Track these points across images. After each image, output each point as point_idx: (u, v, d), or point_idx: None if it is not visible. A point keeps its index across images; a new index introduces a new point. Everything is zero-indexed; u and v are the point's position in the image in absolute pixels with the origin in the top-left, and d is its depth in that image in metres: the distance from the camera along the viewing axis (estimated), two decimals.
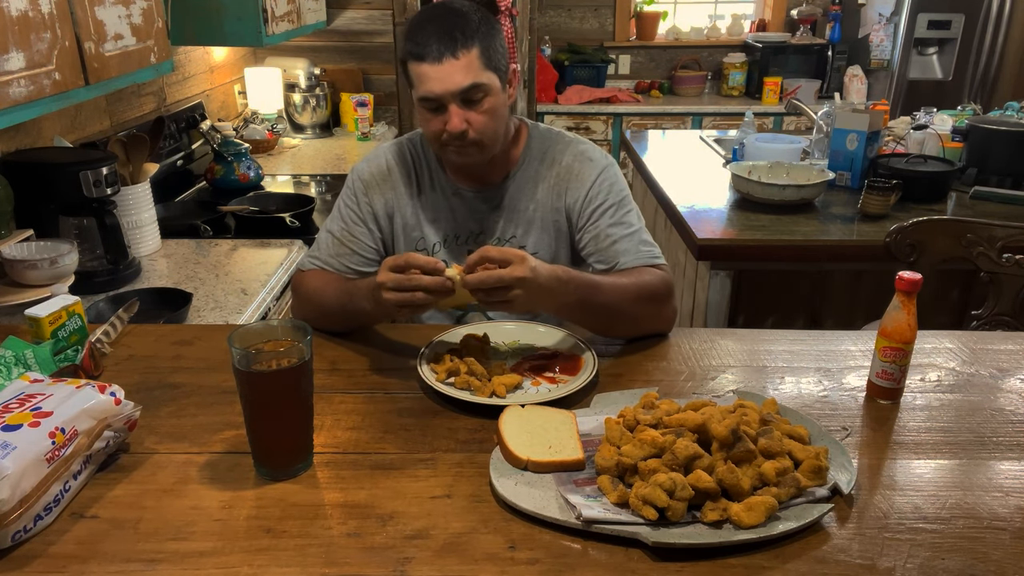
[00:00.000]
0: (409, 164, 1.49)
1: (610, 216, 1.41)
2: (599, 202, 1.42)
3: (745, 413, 0.98)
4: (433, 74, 1.28)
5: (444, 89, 1.28)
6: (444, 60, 1.27)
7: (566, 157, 1.46)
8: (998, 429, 1.08)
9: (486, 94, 1.31)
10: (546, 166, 1.46)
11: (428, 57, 1.27)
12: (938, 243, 1.89)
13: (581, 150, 1.47)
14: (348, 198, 1.48)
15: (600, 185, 1.43)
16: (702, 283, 2.24)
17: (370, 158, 1.51)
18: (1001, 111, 3.00)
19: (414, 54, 1.29)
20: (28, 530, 0.85)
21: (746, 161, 2.70)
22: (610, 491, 0.89)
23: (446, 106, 1.30)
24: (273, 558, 0.83)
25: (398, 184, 1.48)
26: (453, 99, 1.29)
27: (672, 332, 1.36)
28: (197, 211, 2.38)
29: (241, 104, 3.40)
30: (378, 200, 1.47)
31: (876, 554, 0.84)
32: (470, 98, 1.30)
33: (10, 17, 1.31)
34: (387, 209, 1.48)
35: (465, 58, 1.27)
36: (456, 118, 1.30)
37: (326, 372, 1.22)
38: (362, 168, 1.50)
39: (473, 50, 1.28)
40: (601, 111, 4.47)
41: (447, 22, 1.28)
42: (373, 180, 1.48)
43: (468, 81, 1.28)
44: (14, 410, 0.90)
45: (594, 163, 1.45)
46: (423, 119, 1.35)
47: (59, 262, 1.64)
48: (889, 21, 4.08)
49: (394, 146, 1.51)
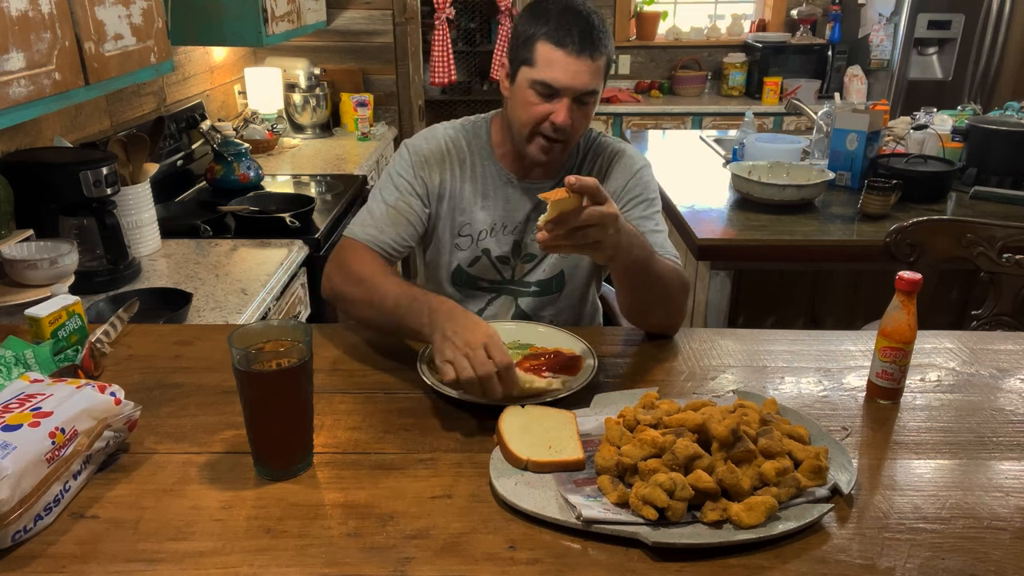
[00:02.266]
0: (464, 148, 1.49)
1: (643, 209, 1.45)
2: (636, 193, 1.46)
3: (745, 413, 0.98)
4: (567, 65, 1.30)
5: (571, 83, 1.31)
6: (582, 57, 1.30)
7: (607, 151, 1.51)
8: (998, 429, 1.08)
9: (594, 102, 1.36)
10: (588, 161, 1.51)
11: (568, 46, 1.30)
12: (938, 243, 1.89)
13: (622, 147, 1.52)
14: (403, 170, 1.47)
15: (639, 179, 1.48)
16: (702, 283, 2.24)
17: (427, 136, 1.50)
18: (1001, 111, 3.00)
19: (553, 38, 1.30)
20: (28, 530, 0.85)
21: (746, 161, 2.70)
22: (610, 491, 0.89)
23: (561, 97, 1.32)
24: (273, 558, 0.83)
25: (454, 165, 1.48)
26: (572, 95, 1.32)
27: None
28: (197, 211, 2.38)
29: (241, 104, 3.40)
30: (434, 177, 1.47)
31: (876, 554, 0.84)
32: (583, 100, 1.34)
33: (10, 17, 1.31)
34: (440, 188, 1.48)
35: (598, 63, 1.32)
36: (567, 112, 1.32)
37: (326, 372, 1.22)
38: (419, 144, 1.49)
39: (603, 58, 1.33)
40: (601, 111, 4.47)
41: (591, 22, 1.32)
42: (433, 156, 1.47)
43: (593, 85, 1.33)
44: (14, 410, 0.89)
45: (634, 159, 1.51)
46: (525, 101, 1.35)
47: (59, 262, 1.64)
48: (889, 21, 4.08)
49: (451, 128, 1.52)
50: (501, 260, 1.52)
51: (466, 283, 1.54)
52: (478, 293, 1.54)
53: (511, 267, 1.53)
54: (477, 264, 1.52)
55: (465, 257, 1.51)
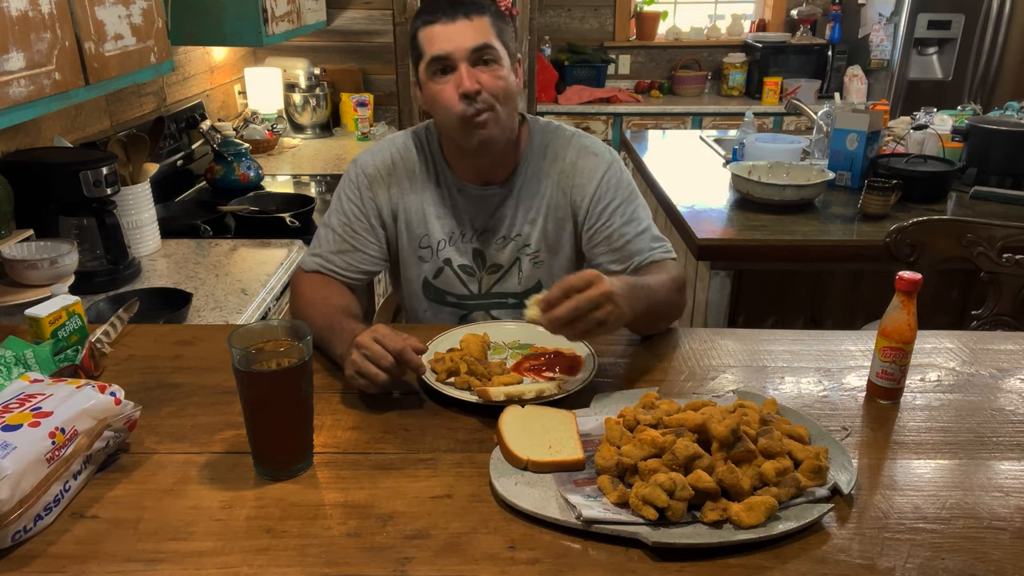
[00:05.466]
0: (414, 158, 1.46)
1: (620, 214, 1.41)
2: (608, 200, 1.41)
3: (745, 413, 0.98)
4: (444, 33, 1.28)
5: (456, 46, 1.27)
6: (457, 20, 1.27)
7: (570, 152, 1.44)
8: (998, 429, 1.08)
9: (496, 60, 1.30)
10: (549, 161, 1.45)
11: (440, 18, 1.28)
12: (938, 243, 1.89)
13: (585, 144, 1.45)
14: (350, 192, 1.45)
15: (608, 182, 1.42)
16: (702, 283, 2.24)
17: (374, 151, 1.47)
18: (1001, 111, 3.00)
19: (425, 20, 1.29)
20: (28, 530, 0.85)
21: (746, 161, 2.70)
22: (610, 491, 0.89)
23: (456, 66, 1.28)
24: (273, 558, 0.83)
25: (402, 179, 1.45)
26: (465, 58, 1.28)
27: (672, 332, 1.36)
28: (197, 211, 2.38)
29: (241, 104, 3.40)
30: (383, 196, 1.44)
31: (876, 554, 0.84)
32: (482, 58, 1.29)
33: (10, 17, 1.31)
34: (391, 206, 1.45)
35: (478, 21, 1.28)
36: (468, 77, 1.27)
37: (326, 372, 1.22)
38: (366, 161, 1.46)
39: (485, 17, 1.29)
40: (601, 111, 4.47)
41: None
42: (378, 174, 1.44)
43: (481, 39, 1.28)
44: (14, 410, 0.89)
45: (599, 158, 1.44)
46: (434, 94, 1.31)
47: (59, 262, 1.64)
48: (889, 21, 4.08)
49: (399, 139, 1.48)
50: (465, 271, 1.48)
51: (435, 298, 1.51)
52: (448, 310, 1.51)
53: (477, 279, 1.49)
54: (441, 276, 1.48)
55: (430, 269, 1.49)
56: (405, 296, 1.55)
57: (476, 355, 1.19)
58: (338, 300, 1.35)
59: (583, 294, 1.03)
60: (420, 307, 1.53)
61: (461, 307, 1.51)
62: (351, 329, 1.18)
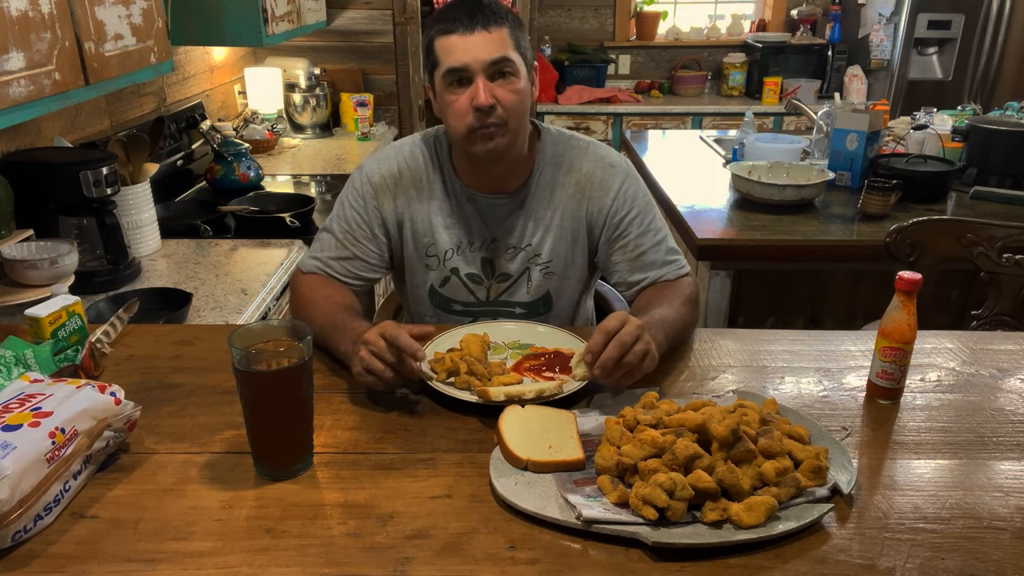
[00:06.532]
0: (421, 167, 1.43)
1: (638, 225, 1.41)
2: (625, 211, 1.41)
3: (745, 413, 0.98)
4: (462, 45, 1.25)
5: (473, 58, 1.25)
6: (475, 32, 1.25)
7: (586, 163, 1.42)
8: (998, 429, 1.08)
9: (514, 73, 1.28)
10: (563, 172, 1.43)
11: (459, 29, 1.25)
12: (938, 243, 1.89)
13: (601, 155, 1.44)
14: (354, 199, 1.43)
15: (625, 194, 1.41)
16: (702, 283, 2.24)
17: (381, 159, 1.45)
18: (1001, 111, 3.00)
19: (443, 29, 1.27)
20: (28, 530, 0.85)
21: (746, 161, 2.70)
22: (610, 491, 0.89)
23: (473, 79, 1.26)
24: (273, 558, 0.83)
25: (409, 189, 1.43)
26: (482, 71, 1.26)
27: None
28: (197, 211, 2.38)
29: (241, 104, 3.40)
30: (388, 206, 1.43)
31: (876, 554, 0.84)
32: (499, 71, 1.27)
33: (10, 17, 1.31)
34: (397, 216, 1.43)
35: (496, 33, 1.26)
36: (484, 91, 1.25)
37: (326, 372, 1.22)
38: (372, 169, 1.44)
39: (504, 28, 1.27)
40: (601, 111, 4.47)
41: (478, 1, 1.28)
42: (383, 184, 1.42)
43: (499, 52, 1.26)
44: (14, 410, 0.89)
45: (616, 169, 1.42)
46: (447, 104, 1.30)
47: (59, 262, 1.64)
48: (889, 21, 4.08)
49: (406, 147, 1.45)
50: (472, 279, 1.47)
51: (441, 305, 1.50)
52: (454, 317, 1.50)
53: (484, 287, 1.47)
54: (448, 284, 1.47)
55: (436, 277, 1.47)
56: (410, 301, 1.55)
57: (476, 355, 1.19)
58: (340, 298, 1.34)
59: (623, 331, 1.06)
60: (425, 313, 1.52)
61: (467, 314, 1.50)
62: (356, 327, 1.18)
